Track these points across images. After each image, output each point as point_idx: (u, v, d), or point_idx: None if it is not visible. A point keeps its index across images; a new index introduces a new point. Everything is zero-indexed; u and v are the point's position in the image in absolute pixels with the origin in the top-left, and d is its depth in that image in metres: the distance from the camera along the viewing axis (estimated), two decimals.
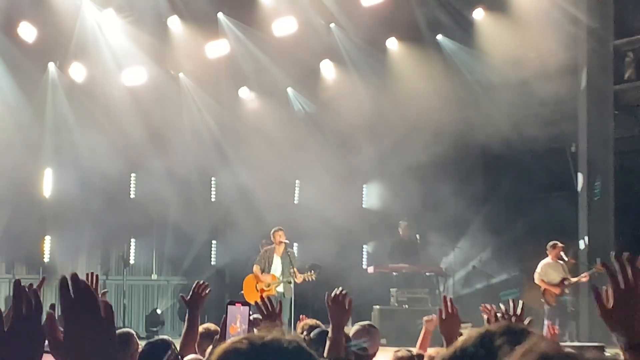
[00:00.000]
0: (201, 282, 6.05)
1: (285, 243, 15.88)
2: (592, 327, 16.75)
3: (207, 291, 5.99)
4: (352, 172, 20.32)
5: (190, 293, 5.98)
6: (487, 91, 19.52)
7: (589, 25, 18.46)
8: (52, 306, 2.17)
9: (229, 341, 2.03)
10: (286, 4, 19.54)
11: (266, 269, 15.86)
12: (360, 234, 20.47)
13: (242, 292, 15.96)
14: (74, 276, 2.09)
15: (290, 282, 15.72)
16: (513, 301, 4.72)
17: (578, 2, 18.41)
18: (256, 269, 15.96)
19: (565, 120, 19.07)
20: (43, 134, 19.68)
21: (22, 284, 2.17)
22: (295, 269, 15.73)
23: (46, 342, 2.11)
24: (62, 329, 2.08)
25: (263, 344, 1.98)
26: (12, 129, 18.92)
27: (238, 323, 4.37)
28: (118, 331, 6.66)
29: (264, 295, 15.51)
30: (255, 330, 4.34)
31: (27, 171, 19.14)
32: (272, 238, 15.98)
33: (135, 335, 6.50)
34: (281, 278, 15.75)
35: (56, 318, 2.11)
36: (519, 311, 4.71)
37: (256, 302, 4.49)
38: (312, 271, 15.93)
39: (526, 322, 4.79)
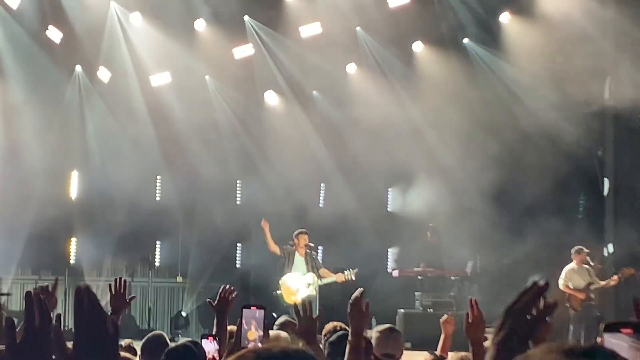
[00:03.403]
0: (227, 286, 5.95)
1: (310, 246, 15.82)
2: None
3: (233, 295, 5.91)
4: (378, 175, 20.25)
5: (217, 297, 5.91)
6: (513, 95, 19.42)
7: (617, 28, 18.34)
8: (58, 317, 2.15)
9: (233, 357, 1.98)
10: (312, 8, 19.55)
11: (287, 267, 15.75)
12: (385, 237, 20.42)
13: (280, 291, 15.65)
14: (87, 288, 2.08)
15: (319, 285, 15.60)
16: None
17: (605, 5, 18.29)
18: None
19: (592, 124, 18.93)
20: (70, 136, 19.80)
21: (32, 295, 2.15)
22: (324, 270, 15.66)
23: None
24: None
25: (270, 355, 1.94)
26: (39, 131, 19.04)
27: (253, 328, 4.32)
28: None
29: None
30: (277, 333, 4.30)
31: (54, 173, 19.25)
32: (295, 240, 15.88)
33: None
34: (309, 279, 15.59)
35: (62, 330, 2.09)
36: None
37: (295, 305, 4.41)
38: (351, 269, 15.77)
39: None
